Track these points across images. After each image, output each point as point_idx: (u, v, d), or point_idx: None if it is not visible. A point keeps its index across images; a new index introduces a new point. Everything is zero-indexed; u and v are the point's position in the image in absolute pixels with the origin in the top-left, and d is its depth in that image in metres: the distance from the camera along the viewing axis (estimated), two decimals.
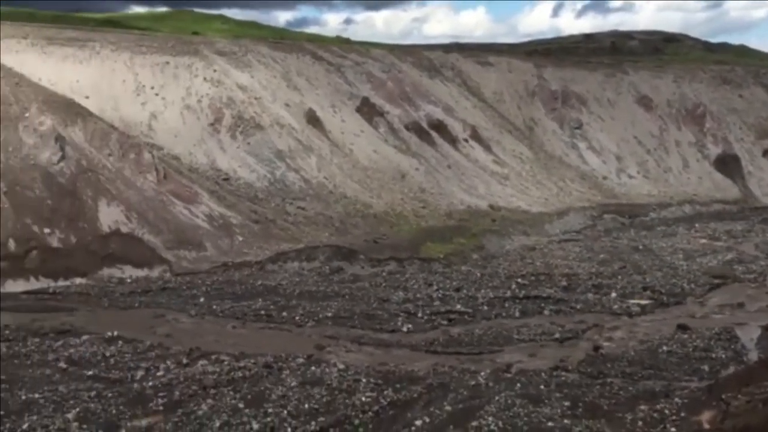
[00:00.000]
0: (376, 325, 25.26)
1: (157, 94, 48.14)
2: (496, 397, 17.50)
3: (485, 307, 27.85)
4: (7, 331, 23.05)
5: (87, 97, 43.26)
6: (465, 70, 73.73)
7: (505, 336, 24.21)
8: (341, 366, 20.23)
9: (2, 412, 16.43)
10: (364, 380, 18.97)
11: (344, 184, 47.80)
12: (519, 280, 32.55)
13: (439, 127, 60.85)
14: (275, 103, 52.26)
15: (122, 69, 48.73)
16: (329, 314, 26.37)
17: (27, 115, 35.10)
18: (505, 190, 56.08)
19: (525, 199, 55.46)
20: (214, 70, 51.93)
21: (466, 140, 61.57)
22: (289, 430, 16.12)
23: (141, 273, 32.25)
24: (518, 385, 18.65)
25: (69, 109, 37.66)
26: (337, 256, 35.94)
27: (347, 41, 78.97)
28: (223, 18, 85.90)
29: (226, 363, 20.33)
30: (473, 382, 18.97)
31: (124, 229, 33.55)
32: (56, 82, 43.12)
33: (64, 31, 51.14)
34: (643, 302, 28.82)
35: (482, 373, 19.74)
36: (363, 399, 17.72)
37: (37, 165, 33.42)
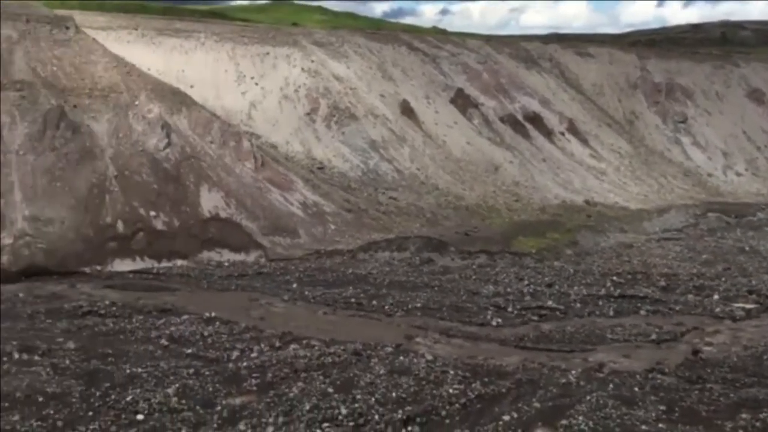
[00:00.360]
0: (465, 318, 25.14)
1: (256, 84, 49.51)
2: (588, 397, 17.11)
3: (578, 305, 27.22)
4: (114, 308, 24.36)
5: (192, 87, 44.99)
6: (563, 61, 72.05)
7: (598, 335, 23.59)
8: (429, 357, 20.26)
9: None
10: (451, 372, 18.94)
11: (436, 176, 47.75)
12: (614, 278, 31.62)
13: (535, 119, 59.79)
14: (370, 94, 52.71)
15: (225, 59, 50.37)
16: (418, 305, 26.43)
17: (137, 103, 36.82)
18: (601, 186, 54.58)
19: (623, 194, 53.79)
20: (312, 61, 52.86)
21: (562, 133, 60.25)
22: (377, 417, 16.30)
23: (238, 257, 33.29)
24: (611, 385, 18.16)
25: (175, 98, 39.25)
26: (427, 247, 35.95)
27: (443, 32, 78.71)
28: (321, 9, 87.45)
29: (316, 348, 20.73)
30: (563, 380, 18.60)
31: (223, 215, 34.71)
32: (164, 71, 45.05)
33: (172, 22, 53.32)
34: (749, 306, 27.40)
35: (573, 372, 19.32)
36: (450, 391, 17.69)
37: (145, 151, 35.04)
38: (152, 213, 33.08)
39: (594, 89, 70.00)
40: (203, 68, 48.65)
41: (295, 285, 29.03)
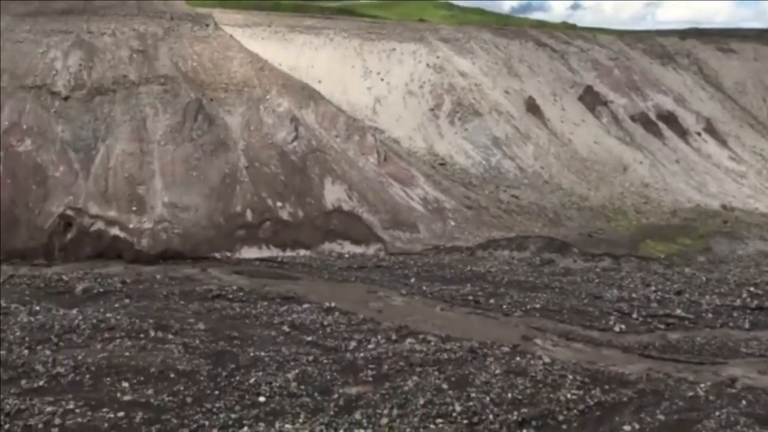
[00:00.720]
0: (586, 322, 24.43)
1: (382, 80, 50.16)
2: (717, 413, 16.20)
3: (709, 315, 25.77)
4: (241, 293, 25.50)
5: (319, 82, 46.21)
6: (702, 57, 68.21)
7: (731, 348, 22.25)
8: (547, 359, 19.85)
9: None
10: (570, 377, 18.48)
11: (560, 175, 46.56)
12: (752, 288, 29.64)
13: (669, 118, 56.98)
14: (495, 90, 52.11)
15: (352, 55, 51.36)
16: (537, 306, 25.94)
17: (268, 97, 38.26)
18: (740, 190, 51.27)
19: (765, 200, 50.29)
20: (437, 57, 52.90)
21: (698, 134, 57.08)
22: (491, 416, 16.17)
23: (358, 250, 33.89)
24: (743, 402, 17.10)
25: (303, 93, 40.45)
26: (549, 247, 35.16)
27: (573, 27, 76.50)
28: (448, 5, 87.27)
29: (432, 343, 20.81)
30: (691, 393, 17.70)
31: (345, 207, 35.44)
32: (294, 66, 46.55)
33: (303, 19, 54.99)
34: None
35: (702, 385, 18.35)
36: (568, 396, 17.27)
37: (274, 143, 36.36)
38: (279, 204, 34.28)
39: (735, 87, 65.84)
40: (331, 64, 49.84)
41: (413, 279, 29.24)
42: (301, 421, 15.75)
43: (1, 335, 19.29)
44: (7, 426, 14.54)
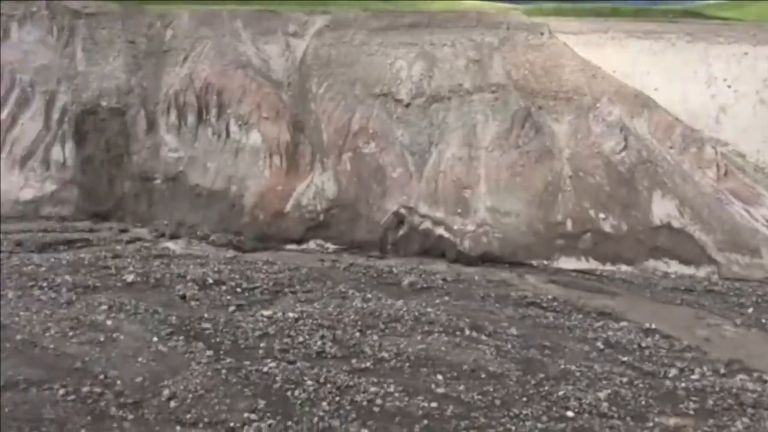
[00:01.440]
0: None
1: (729, 87, 45.60)
2: None
3: None
4: (555, 303, 25.25)
5: (656, 89, 43.60)
6: None
7: None
8: None
9: None
10: None
11: None
12: None
13: None
14: None
15: (695, 60, 47.50)
16: None
17: (598, 105, 37.26)
18: None
19: None
20: None
21: None
22: None
23: (687, 270, 31.44)
24: None
25: (636, 101, 38.59)
26: None
27: None
28: None
29: None
30: None
31: (675, 224, 33.07)
32: (629, 73, 44.57)
33: (643, 24, 52.34)
34: None
35: None
36: None
37: (601, 153, 35.29)
38: (601, 215, 33.22)
39: None
40: (670, 70, 46.68)
41: (750, 309, 26.17)
42: None
43: (339, 317, 21.67)
44: (337, 398, 16.28)
